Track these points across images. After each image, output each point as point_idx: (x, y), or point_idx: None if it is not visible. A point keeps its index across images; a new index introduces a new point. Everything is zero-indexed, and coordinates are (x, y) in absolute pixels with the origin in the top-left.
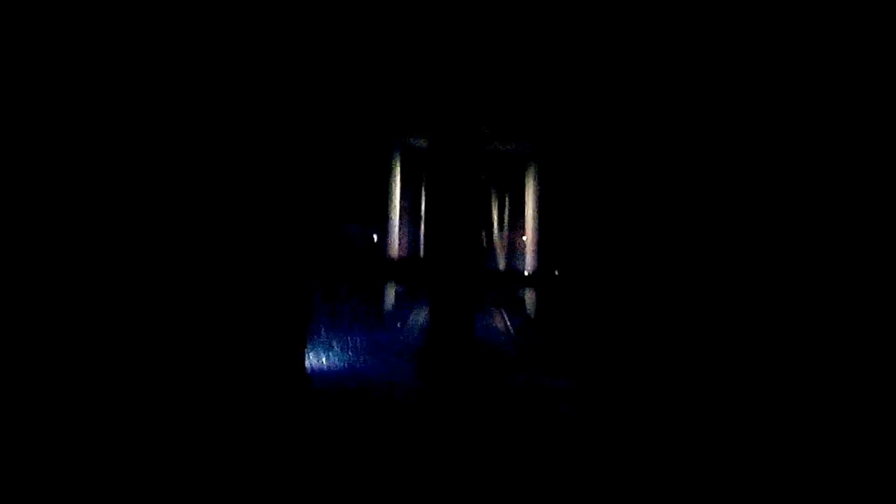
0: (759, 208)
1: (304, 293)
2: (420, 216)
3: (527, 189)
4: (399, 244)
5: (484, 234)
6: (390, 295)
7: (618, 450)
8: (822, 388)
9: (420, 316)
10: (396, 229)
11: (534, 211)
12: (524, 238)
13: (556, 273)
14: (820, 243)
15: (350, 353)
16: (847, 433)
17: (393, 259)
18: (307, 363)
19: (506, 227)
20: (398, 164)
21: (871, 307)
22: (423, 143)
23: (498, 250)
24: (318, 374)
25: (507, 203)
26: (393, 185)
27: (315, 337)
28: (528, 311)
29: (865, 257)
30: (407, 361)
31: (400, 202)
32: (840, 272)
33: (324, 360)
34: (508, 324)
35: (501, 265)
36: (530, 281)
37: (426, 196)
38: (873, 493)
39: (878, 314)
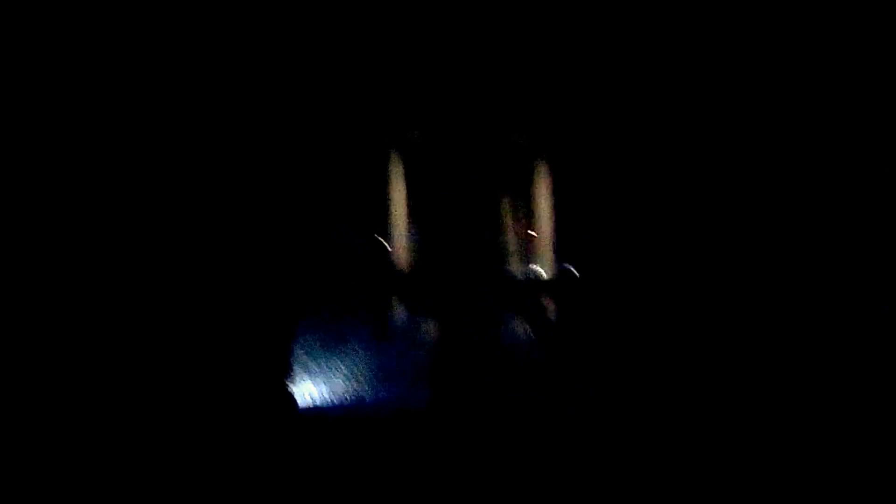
0: (767, 208)
1: (287, 310)
2: (428, 219)
3: (540, 184)
4: (405, 251)
5: (495, 235)
6: (397, 307)
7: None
8: (823, 388)
9: (431, 330)
10: (401, 235)
11: (549, 207)
12: (540, 237)
13: (576, 273)
14: (822, 243)
15: (349, 377)
16: (848, 433)
17: (398, 268)
18: (296, 392)
19: (520, 226)
20: (400, 163)
21: (871, 307)
22: (424, 137)
23: (512, 251)
24: (311, 403)
25: (519, 200)
26: (395, 186)
27: (307, 360)
28: (549, 315)
29: (865, 257)
30: (416, 383)
31: (405, 205)
32: (840, 272)
33: (316, 385)
34: (528, 330)
35: (516, 267)
36: (549, 286)
37: (431, 197)
38: (873, 492)
39: (879, 314)
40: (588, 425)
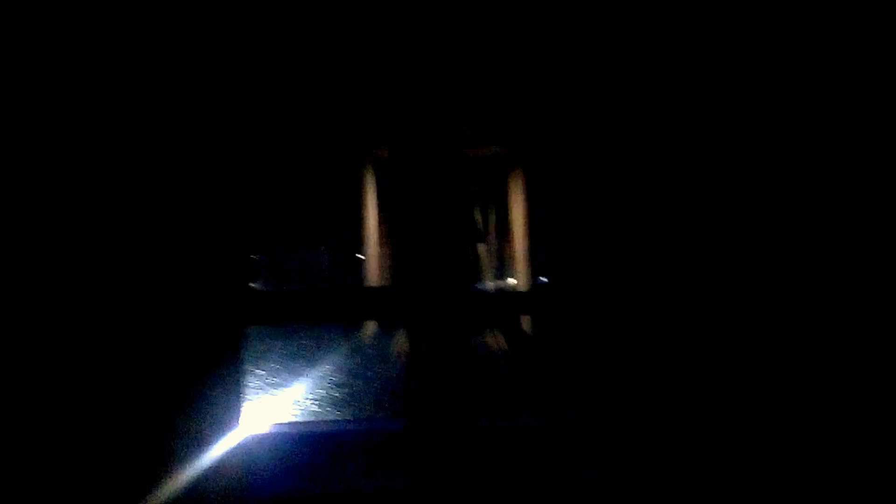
0: (761, 206)
1: (243, 324)
2: (400, 235)
3: (513, 195)
4: (377, 268)
5: (468, 248)
6: (369, 326)
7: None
8: (822, 388)
9: (405, 346)
10: (373, 251)
11: (523, 218)
12: (514, 248)
13: (545, 280)
14: (820, 243)
15: (314, 397)
16: (848, 434)
17: (368, 287)
18: (254, 414)
19: (492, 238)
20: (371, 176)
21: (871, 307)
22: (395, 150)
23: (485, 264)
24: (270, 426)
25: (492, 211)
26: (366, 200)
27: (269, 378)
28: (524, 328)
29: (865, 257)
30: (388, 409)
31: (377, 220)
32: (840, 272)
33: (277, 407)
34: (503, 343)
35: (490, 280)
36: (524, 301)
37: (400, 210)
38: (873, 493)
39: (879, 314)
40: (570, 442)
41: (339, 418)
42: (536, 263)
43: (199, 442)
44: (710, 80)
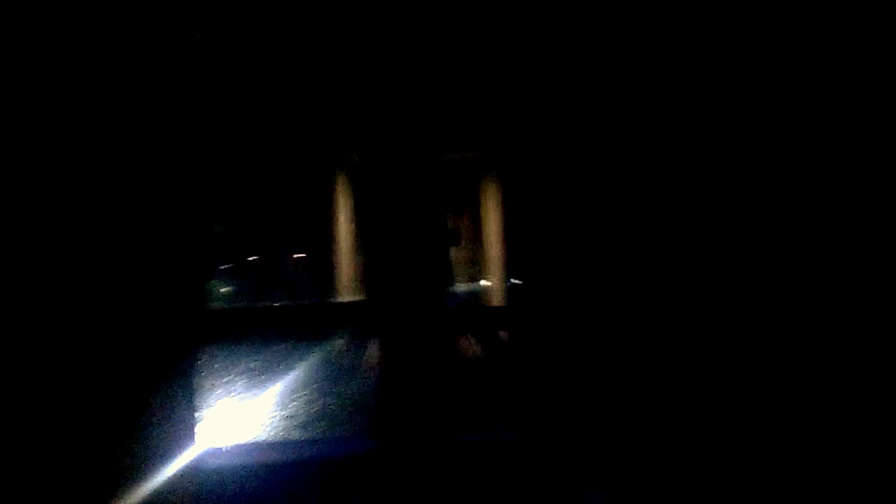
0: (758, 205)
1: (200, 330)
2: (372, 242)
3: (487, 198)
4: (347, 276)
5: (442, 254)
6: (339, 337)
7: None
8: (822, 389)
9: (376, 362)
10: (344, 259)
11: (497, 221)
12: (488, 251)
13: (519, 282)
14: (819, 244)
15: (284, 419)
16: (848, 434)
17: (337, 298)
18: (209, 429)
19: (466, 241)
20: (343, 182)
21: (871, 307)
22: (363, 156)
23: (458, 270)
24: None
25: (466, 214)
26: (338, 205)
27: (231, 389)
28: (499, 335)
29: (865, 257)
30: (360, 423)
31: (349, 225)
32: (840, 272)
33: (238, 420)
34: (478, 350)
35: (464, 283)
36: (499, 313)
37: (372, 217)
38: (873, 493)
39: (879, 314)
40: (549, 451)
41: (307, 436)
42: (510, 266)
43: (152, 459)
44: (683, 86)
